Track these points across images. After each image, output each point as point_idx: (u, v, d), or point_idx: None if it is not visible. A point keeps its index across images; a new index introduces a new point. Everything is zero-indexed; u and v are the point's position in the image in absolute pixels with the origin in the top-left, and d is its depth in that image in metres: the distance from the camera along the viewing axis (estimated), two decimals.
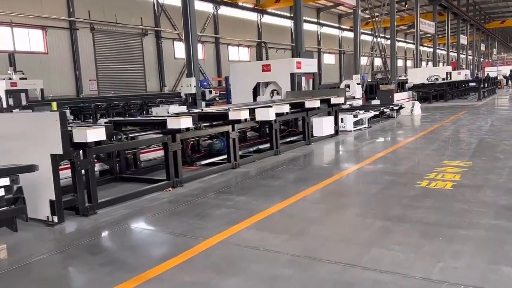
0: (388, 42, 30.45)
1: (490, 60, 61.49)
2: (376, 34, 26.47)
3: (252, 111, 8.44)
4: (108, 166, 7.09)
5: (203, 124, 7.42)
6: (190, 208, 5.44)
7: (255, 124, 9.21)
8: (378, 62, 41.53)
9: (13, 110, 17.68)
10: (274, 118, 8.53)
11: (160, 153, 7.79)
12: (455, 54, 50.02)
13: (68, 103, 21.16)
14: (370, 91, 26.30)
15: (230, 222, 4.74)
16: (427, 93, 24.23)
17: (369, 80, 30.03)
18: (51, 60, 24.24)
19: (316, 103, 10.27)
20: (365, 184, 6.47)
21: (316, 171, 7.64)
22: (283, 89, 12.57)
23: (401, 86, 29.14)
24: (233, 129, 7.77)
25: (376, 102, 18.69)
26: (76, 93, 25.31)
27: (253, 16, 37.52)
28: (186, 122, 6.39)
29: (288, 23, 39.78)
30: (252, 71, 13.31)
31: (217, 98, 21.21)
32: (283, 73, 12.56)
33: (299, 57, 14.44)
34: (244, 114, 7.69)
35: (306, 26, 41.30)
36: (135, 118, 7.68)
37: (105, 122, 6.95)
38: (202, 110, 8.89)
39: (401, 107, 16.40)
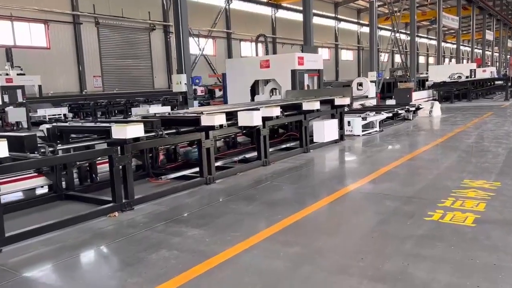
0: (409, 38, 28.68)
1: None
2: (395, 29, 24.77)
3: (235, 115, 7.15)
4: (51, 181, 5.86)
5: (168, 132, 6.09)
6: (123, 247, 4.14)
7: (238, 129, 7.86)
8: (398, 59, 39.71)
9: (6, 108, 16.80)
10: (260, 124, 7.17)
11: None
12: (480, 51, 47.63)
13: (69, 100, 20.28)
14: (388, 89, 24.71)
15: (160, 277, 3.41)
16: (449, 92, 22.46)
17: (387, 77, 28.32)
18: (54, 56, 23.34)
19: (315, 105, 8.84)
20: (360, 214, 5.02)
21: (303, 191, 6.20)
22: (283, 87, 11.20)
23: (422, 84, 27.42)
24: (206, 137, 6.44)
25: (391, 102, 17.08)
26: (79, 89, 24.38)
27: (267, 10, 36.12)
28: (135, 131, 5.07)
29: None
30: (249, 67, 11.97)
31: None
32: (284, 69, 11.19)
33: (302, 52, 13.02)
34: (219, 119, 6.34)
35: (323, 21, 40.14)
36: (77, 125, 6.39)
37: (47, 128, 5.72)
38: (169, 113, 7.56)
39: (418, 108, 14.81)
